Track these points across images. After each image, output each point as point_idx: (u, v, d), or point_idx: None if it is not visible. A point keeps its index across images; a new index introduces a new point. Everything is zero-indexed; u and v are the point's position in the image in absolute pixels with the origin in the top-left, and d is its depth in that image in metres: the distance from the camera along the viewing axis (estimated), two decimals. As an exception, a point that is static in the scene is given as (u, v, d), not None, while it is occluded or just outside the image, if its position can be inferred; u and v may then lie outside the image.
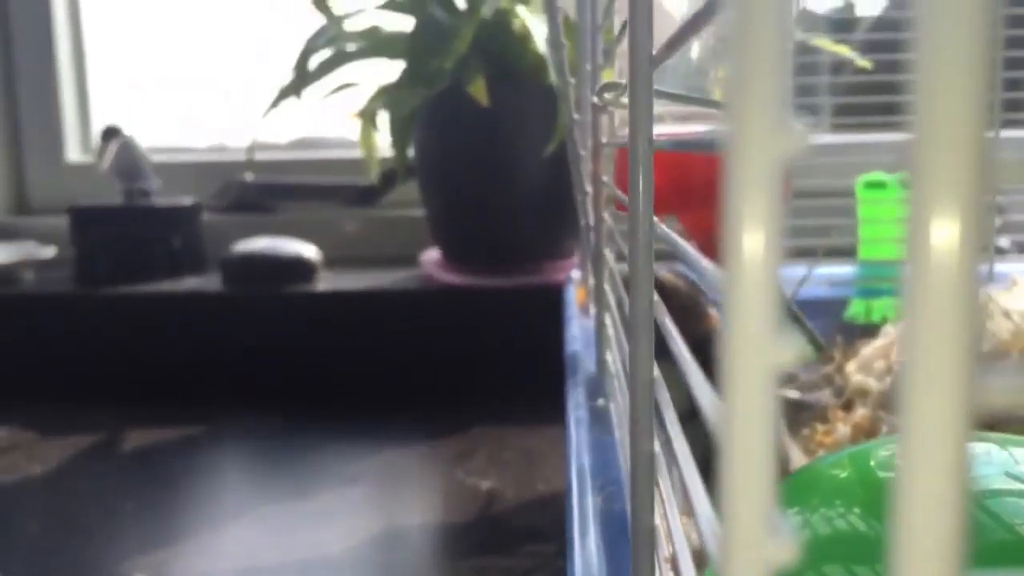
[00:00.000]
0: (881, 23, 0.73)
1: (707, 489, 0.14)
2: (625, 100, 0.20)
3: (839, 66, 0.70)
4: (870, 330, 0.53)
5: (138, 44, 1.10)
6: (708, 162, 0.38)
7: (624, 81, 0.24)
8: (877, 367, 0.46)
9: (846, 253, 0.61)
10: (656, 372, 0.21)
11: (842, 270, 0.61)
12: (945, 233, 0.07)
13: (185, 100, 1.10)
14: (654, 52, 0.19)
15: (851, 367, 0.48)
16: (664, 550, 0.21)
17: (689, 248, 0.15)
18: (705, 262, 0.13)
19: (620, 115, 0.36)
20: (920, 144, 0.07)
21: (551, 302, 0.66)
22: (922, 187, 0.07)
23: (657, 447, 0.21)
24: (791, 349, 0.08)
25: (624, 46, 0.20)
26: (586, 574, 0.24)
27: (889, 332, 0.49)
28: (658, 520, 0.21)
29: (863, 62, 0.69)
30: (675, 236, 0.18)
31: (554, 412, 0.46)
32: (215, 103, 1.10)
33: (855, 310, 0.60)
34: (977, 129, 0.07)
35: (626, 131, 0.20)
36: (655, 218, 0.20)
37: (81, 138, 1.10)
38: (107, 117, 1.06)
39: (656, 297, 0.20)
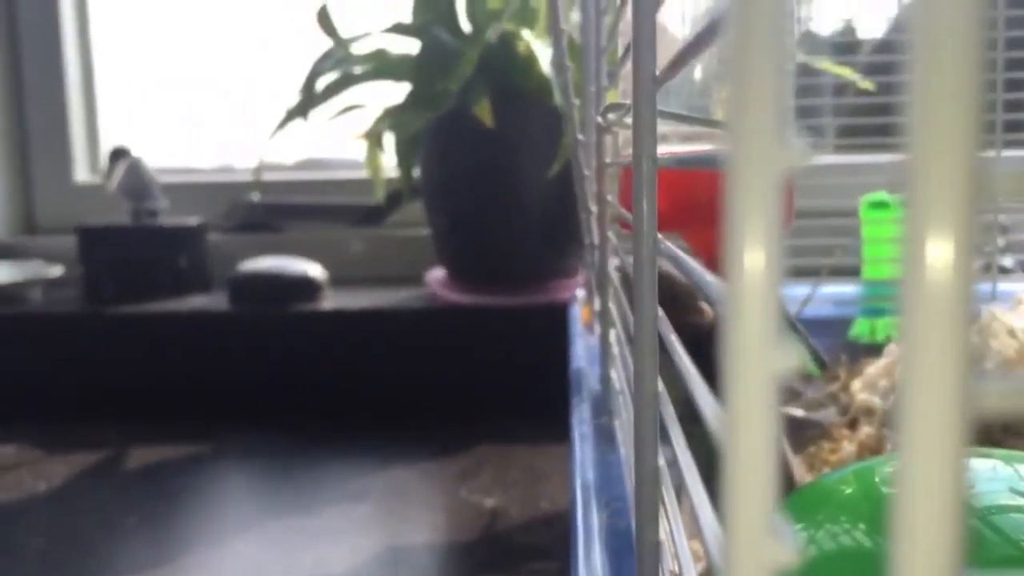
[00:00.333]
0: (883, 45, 0.74)
1: (710, 494, 0.14)
2: (629, 120, 0.21)
3: (842, 88, 0.70)
4: (874, 349, 0.53)
5: (147, 65, 1.11)
6: (711, 180, 0.38)
7: (628, 102, 0.24)
8: (882, 386, 0.46)
9: (850, 273, 0.61)
10: (661, 387, 0.21)
11: (846, 289, 0.61)
12: (939, 252, 0.07)
13: (193, 121, 1.11)
14: (657, 73, 0.19)
15: (856, 386, 0.48)
16: (670, 566, 0.21)
17: (693, 263, 0.16)
18: (709, 276, 0.14)
19: (624, 135, 0.37)
20: (914, 164, 0.07)
21: (555, 320, 0.66)
22: (917, 206, 0.07)
23: (662, 462, 0.21)
24: (792, 358, 0.09)
25: (628, 67, 0.21)
26: (591, 590, 0.24)
27: (893, 351, 0.49)
28: (663, 536, 0.21)
29: (865, 84, 0.70)
30: (679, 253, 0.18)
31: (559, 430, 0.46)
32: (223, 124, 1.11)
33: (859, 329, 0.60)
34: (971, 149, 0.07)
35: (630, 151, 0.20)
36: (659, 236, 0.20)
37: (89, 158, 1.10)
38: (115, 138, 1.07)
39: (661, 313, 0.20)
